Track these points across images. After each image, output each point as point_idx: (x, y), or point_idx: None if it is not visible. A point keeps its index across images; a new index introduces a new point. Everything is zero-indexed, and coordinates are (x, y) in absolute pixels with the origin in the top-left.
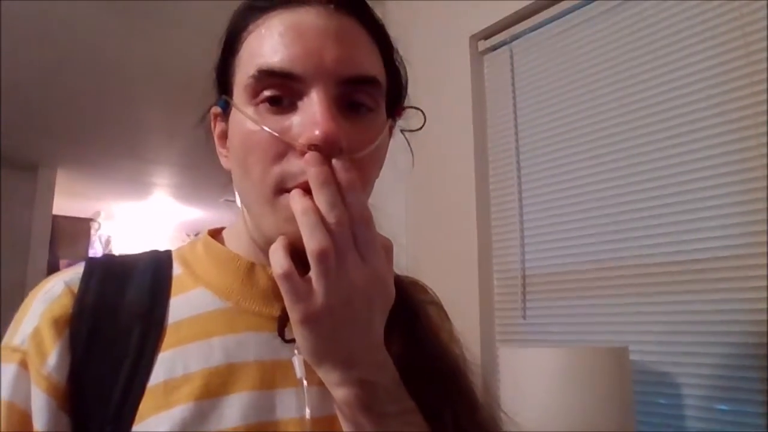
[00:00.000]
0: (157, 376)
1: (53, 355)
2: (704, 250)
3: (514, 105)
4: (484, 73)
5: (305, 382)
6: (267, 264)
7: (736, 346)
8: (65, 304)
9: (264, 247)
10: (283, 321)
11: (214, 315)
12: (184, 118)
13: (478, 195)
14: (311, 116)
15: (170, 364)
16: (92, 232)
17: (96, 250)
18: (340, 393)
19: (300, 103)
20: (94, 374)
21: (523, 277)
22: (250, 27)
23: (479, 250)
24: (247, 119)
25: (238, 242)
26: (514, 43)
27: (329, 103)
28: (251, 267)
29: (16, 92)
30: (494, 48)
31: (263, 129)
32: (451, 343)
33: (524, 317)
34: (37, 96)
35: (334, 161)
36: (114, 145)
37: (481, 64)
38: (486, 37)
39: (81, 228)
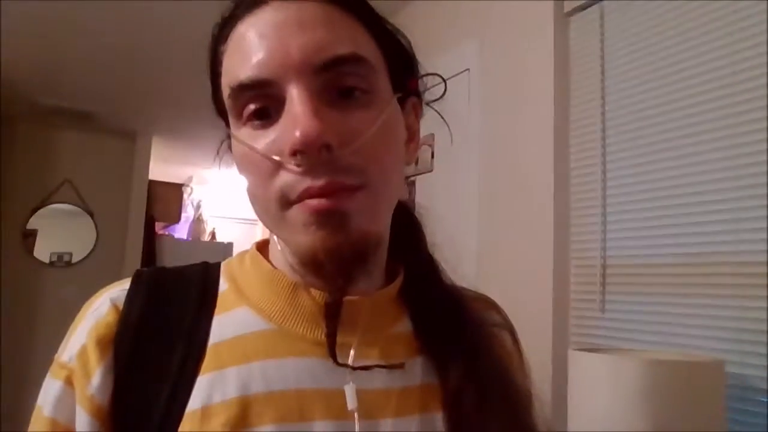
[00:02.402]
0: (195, 400)
1: (97, 376)
2: None
3: (603, 74)
4: (569, 38)
5: (357, 415)
6: (308, 283)
7: None
8: (110, 323)
9: (297, 269)
10: (332, 341)
11: (256, 337)
12: None
13: (557, 173)
14: (291, 118)
15: (209, 388)
16: (185, 196)
17: (188, 214)
18: None
19: (284, 108)
20: (136, 396)
21: (603, 266)
22: (222, 47)
23: (555, 234)
24: (239, 143)
25: (280, 260)
26: (605, 2)
27: (307, 98)
28: (294, 287)
29: (117, 67)
30: (583, 8)
31: (253, 149)
32: (519, 374)
33: (603, 311)
34: (134, 69)
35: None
36: (204, 114)
37: (567, 26)
38: None
39: (174, 193)
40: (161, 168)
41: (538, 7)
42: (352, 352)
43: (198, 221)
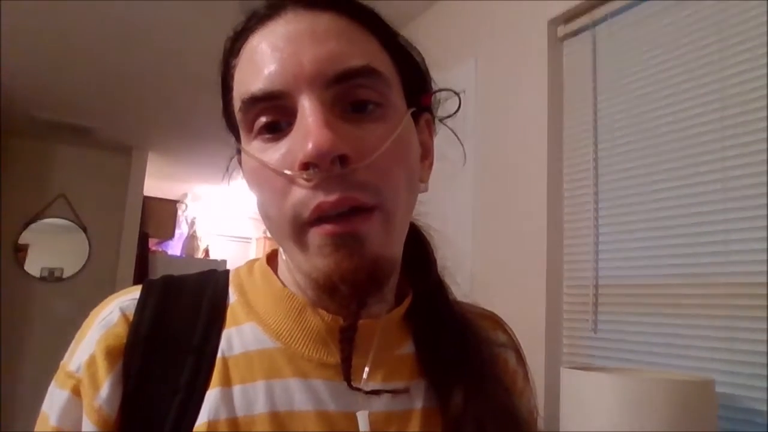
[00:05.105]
0: (202, 416)
1: (105, 387)
2: None
3: (595, 97)
4: (562, 62)
5: None
6: (317, 304)
7: None
8: (120, 334)
9: (306, 287)
10: (347, 366)
11: (262, 355)
12: None
13: (550, 194)
14: (303, 130)
15: (215, 405)
16: (179, 213)
17: (182, 230)
18: None
19: (295, 121)
20: (144, 409)
21: (596, 286)
22: (234, 61)
23: (548, 254)
24: (250, 158)
25: (288, 278)
26: (597, 27)
27: (319, 109)
28: (303, 306)
29: (114, 82)
30: (575, 33)
31: (264, 164)
32: (522, 396)
33: (595, 331)
34: (131, 85)
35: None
36: (200, 131)
37: (560, 51)
38: (566, 22)
39: (169, 209)
40: (156, 184)
41: (533, 32)
42: (365, 374)
43: (192, 238)
